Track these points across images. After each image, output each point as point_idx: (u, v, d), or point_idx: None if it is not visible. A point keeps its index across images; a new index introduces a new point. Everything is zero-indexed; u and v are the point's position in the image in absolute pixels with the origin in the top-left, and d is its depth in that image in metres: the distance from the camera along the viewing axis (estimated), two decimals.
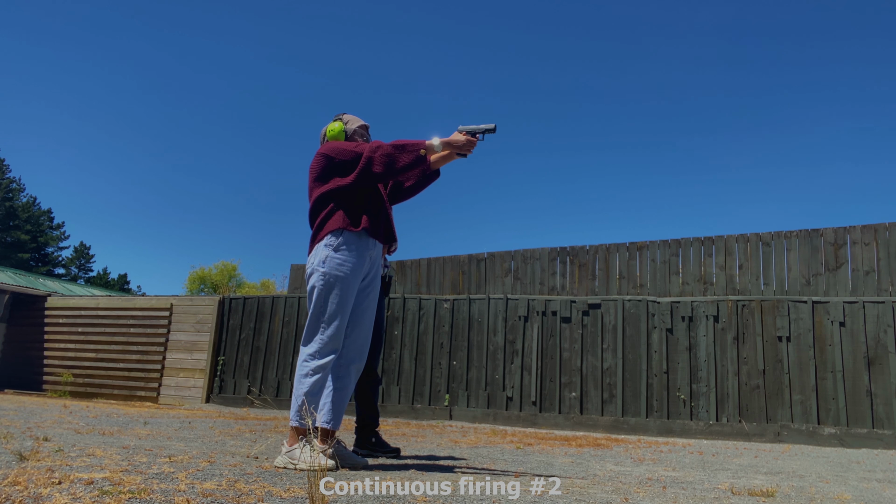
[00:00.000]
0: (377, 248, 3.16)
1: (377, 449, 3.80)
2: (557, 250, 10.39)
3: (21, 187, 47.47)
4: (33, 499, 1.73)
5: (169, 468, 2.47)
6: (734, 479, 3.40)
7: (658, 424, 7.78)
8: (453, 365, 8.87)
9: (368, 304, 3.15)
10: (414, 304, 9.24)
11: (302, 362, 2.95)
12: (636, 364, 8.09)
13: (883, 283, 8.57)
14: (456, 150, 3.08)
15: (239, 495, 1.95)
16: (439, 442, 5.12)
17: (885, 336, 7.25)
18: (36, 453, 2.66)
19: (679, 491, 2.73)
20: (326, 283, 2.96)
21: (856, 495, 2.98)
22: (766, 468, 4.22)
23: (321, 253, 2.99)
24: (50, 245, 48.92)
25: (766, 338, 7.69)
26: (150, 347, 10.51)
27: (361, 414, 3.90)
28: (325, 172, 3.07)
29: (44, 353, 11.30)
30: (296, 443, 2.83)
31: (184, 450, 3.31)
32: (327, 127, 3.34)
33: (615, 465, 3.94)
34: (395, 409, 8.86)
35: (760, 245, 9.30)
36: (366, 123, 3.39)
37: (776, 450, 6.18)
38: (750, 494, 2.72)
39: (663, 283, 9.67)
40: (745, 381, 7.65)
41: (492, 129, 3.04)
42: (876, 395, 7.16)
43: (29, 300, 11.90)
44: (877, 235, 8.72)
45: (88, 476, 2.12)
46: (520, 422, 8.31)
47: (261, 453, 3.40)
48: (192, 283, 36.74)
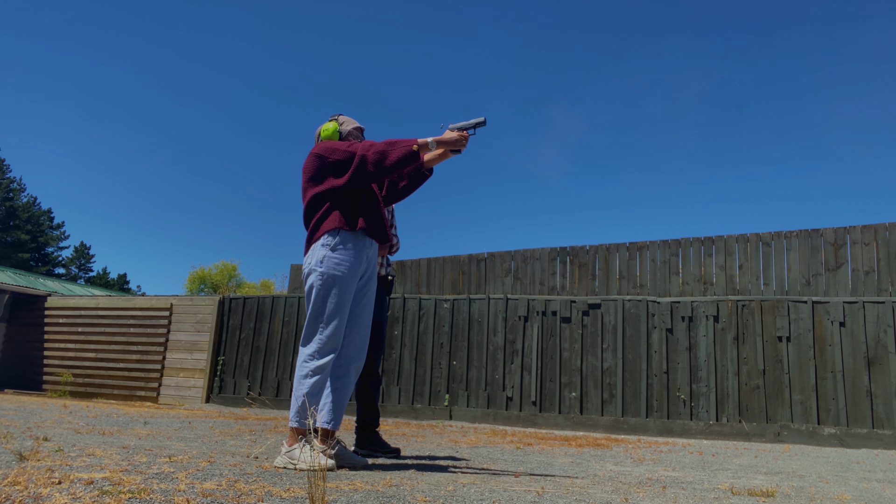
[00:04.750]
0: (373, 247, 3.17)
1: (377, 449, 3.80)
2: (557, 250, 10.39)
3: (21, 187, 47.50)
4: (33, 499, 1.73)
5: (169, 468, 2.47)
6: (734, 479, 3.40)
7: (658, 424, 7.78)
8: (453, 365, 8.87)
9: (366, 303, 3.15)
10: (414, 304, 9.24)
11: (302, 363, 2.94)
12: (636, 364, 8.09)
13: (883, 283, 8.57)
14: (450, 147, 3.10)
15: (239, 495, 1.95)
16: (439, 442, 5.12)
17: (885, 336, 7.25)
18: (36, 453, 2.66)
19: (679, 491, 2.73)
20: (325, 282, 2.96)
21: (856, 495, 2.98)
22: (766, 468, 4.22)
23: (318, 253, 2.99)
24: (50, 245, 48.93)
25: (766, 338, 7.69)
26: (150, 347, 10.51)
27: (361, 413, 3.90)
28: (318, 172, 3.07)
29: (44, 353, 11.30)
30: (295, 443, 2.83)
31: (184, 450, 3.31)
32: (322, 127, 3.36)
33: (615, 465, 3.94)
34: (395, 409, 8.86)
35: (760, 245, 9.30)
36: (361, 126, 3.40)
37: (776, 450, 6.18)
38: (750, 494, 2.72)
39: (663, 283, 9.67)
40: (745, 381, 7.65)
41: (482, 122, 3.08)
42: (876, 395, 7.16)
43: (29, 300, 11.90)
44: (877, 235, 8.72)
45: (88, 476, 2.12)
46: (520, 422, 8.31)
47: (261, 453, 3.40)
48: (192, 283, 36.77)
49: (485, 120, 3.06)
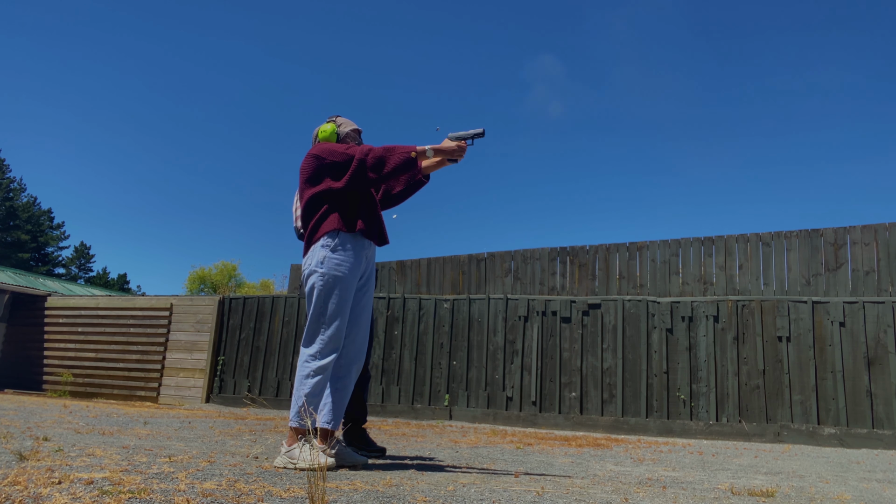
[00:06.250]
0: (372, 247, 3.20)
1: (362, 446, 3.75)
2: (557, 250, 10.39)
3: (22, 187, 47.51)
4: (33, 499, 1.73)
5: (169, 468, 2.47)
6: (734, 479, 3.40)
7: (658, 424, 7.78)
8: (453, 365, 8.87)
9: (366, 303, 3.17)
10: (414, 304, 9.24)
11: (303, 363, 2.95)
12: (636, 364, 8.09)
13: (883, 284, 8.57)
14: (447, 156, 3.13)
15: (239, 495, 1.95)
16: (439, 442, 5.12)
17: (885, 336, 7.25)
18: (36, 453, 2.66)
19: (679, 491, 2.73)
20: (326, 283, 2.96)
21: (856, 495, 2.98)
22: (766, 468, 4.22)
23: (319, 254, 3.00)
24: (50, 245, 48.93)
25: (766, 338, 7.69)
26: (150, 347, 10.51)
27: (350, 409, 3.86)
28: (315, 174, 3.09)
29: (44, 353, 11.30)
30: (295, 443, 2.83)
31: (184, 450, 3.31)
32: (319, 128, 3.37)
33: (615, 465, 3.94)
34: (395, 409, 8.85)
35: (760, 245, 9.30)
36: (358, 128, 3.42)
37: (776, 450, 6.18)
38: (750, 494, 2.72)
39: (663, 283, 9.67)
40: (745, 382, 7.65)
41: (480, 133, 3.12)
42: (876, 395, 7.16)
43: (29, 300, 11.89)
44: (877, 235, 8.72)
45: (88, 476, 2.12)
46: (520, 422, 8.31)
47: (261, 453, 3.40)
48: (192, 283, 36.78)
49: (483, 131, 3.11)
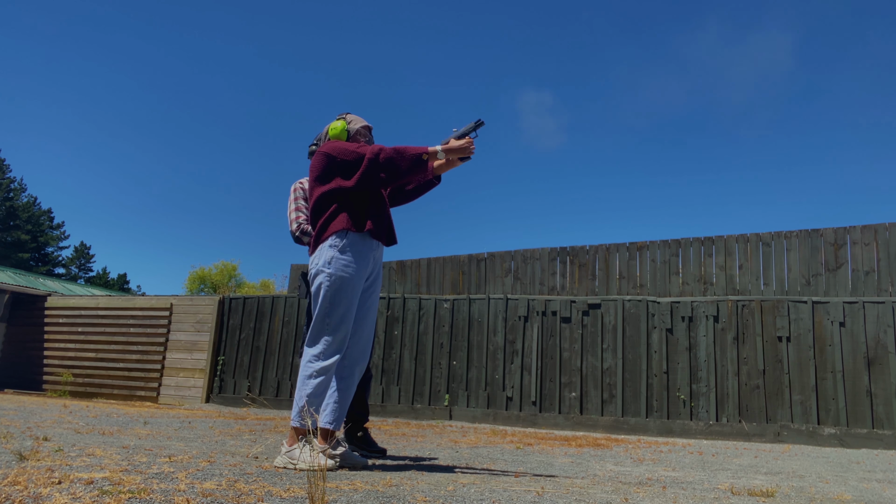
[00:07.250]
0: (380, 248, 3.16)
1: (363, 446, 3.75)
2: (557, 250, 10.39)
3: (22, 187, 47.49)
4: (33, 498, 1.73)
5: (169, 468, 2.47)
6: (734, 480, 3.40)
7: (658, 424, 7.78)
8: (453, 365, 8.87)
9: (371, 304, 3.14)
10: (414, 304, 9.24)
11: (306, 363, 2.92)
12: (636, 364, 8.09)
13: (883, 284, 8.57)
14: (458, 155, 3.09)
15: (239, 495, 1.95)
16: (439, 442, 5.11)
17: (885, 336, 7.25)
18: (36, 453, 2.66)
19: (679, 491, 2.73)
20: (333, 284, 2.94)
21: (856, 495, 2.97)
22: (766, 468, 4.22)
23: (326, 254, 2.98)
24: (50, 245, 48.93)
25: (766, 338, 7.69)
26: (150, 347, 10.51)
27: (352, 409, 3.86)
28: (326, 172, 3.06)
29: (44, 353, 11.30)
30: (296, 443, 2.83)
31: (184, 450, 3.31)
32: (330, 125, 3.34)
33: (615, 465, 3.94)
34: (395, 409, 8.85)
35: (760, 245, 9.30)
36: (369, 125, 3.39)
37: (776, 450, 6.18)
38: (750, 494, 2.72)
39: (663, 283, 9.66)
40: (745, 382, 7.65)
41: (480, 123, 3.12)
42: (876, 395, 7.15)
43: (29, 300, 11.89)
44: (877, 235, 8.72)
45: (88, 476, 2.12)
46: (520, 422, 8.31)
47: (261, 453, 3.40)
48: (192, 283, 36.77)
49: (482, 120, 3.09)
